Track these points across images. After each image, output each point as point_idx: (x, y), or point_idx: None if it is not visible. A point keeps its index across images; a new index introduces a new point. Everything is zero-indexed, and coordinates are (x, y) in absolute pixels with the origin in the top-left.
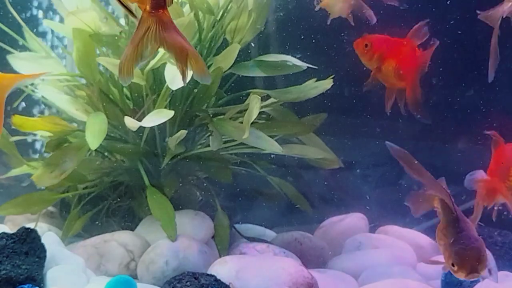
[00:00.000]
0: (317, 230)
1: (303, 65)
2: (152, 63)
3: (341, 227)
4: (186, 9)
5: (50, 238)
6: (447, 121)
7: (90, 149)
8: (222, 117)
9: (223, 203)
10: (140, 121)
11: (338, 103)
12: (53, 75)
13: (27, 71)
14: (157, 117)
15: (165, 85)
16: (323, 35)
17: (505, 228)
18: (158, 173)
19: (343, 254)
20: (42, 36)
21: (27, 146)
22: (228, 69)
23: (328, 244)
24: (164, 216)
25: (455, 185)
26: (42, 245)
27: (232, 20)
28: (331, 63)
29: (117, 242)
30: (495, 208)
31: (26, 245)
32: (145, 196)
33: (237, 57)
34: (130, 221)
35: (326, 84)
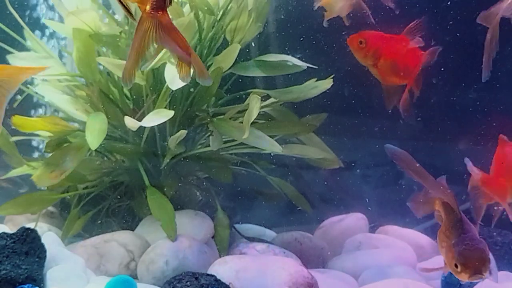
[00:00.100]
0: (317, 230)
1: (303, 65)
2: (152, 63)
3: (341, 227)
4: (186, 9)
5: (50, 238)
6: (447, 121)
7: (90, 149)
8: (222, 117)
9: (223, 203)
10: (140, 121)
11: (338, 103)
12: (53, 75)
13: None
14: (157, 117)
15: (165, 85)
16: (323, 35)
17: (505, 228)
18: (158, 173)
19: (343, 254)
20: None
21: (26, 146)
22: (228, 69)
23: (328, 244)
24: (164, 216)
25: (455, 185)
26: (42, 245)
27: (232, 20)
28: (331, 63)
29: (117, 242)
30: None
31: (26, 245)
32: (145, 196)
33: (237, 57)
34: (130, 221)
35: (326, 84)
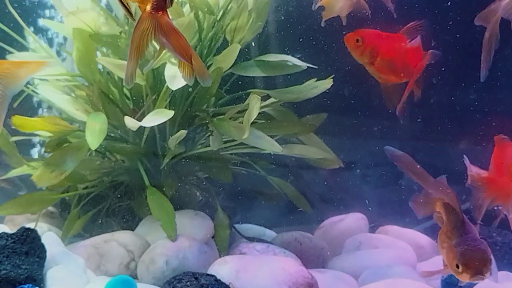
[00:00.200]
0: (317, 230)
1: (303, 65)
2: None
3: (341, 227)
4: (186, 9)
5: (50, 238)
6: (447, 121)
7: (90, 149)
8: (222, 117)
9: (223, 203)
10: (140, 121)
11: (338, 103)
12: (53, 75)
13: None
14: (157, 117)
15: (165, 85)
16: (323, 34)
17: (505, 228)
18: (158, 173)
19: (343, 254)
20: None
21: (26, 146)
22: (228, 69)
23: (328, 244)
24: (164, 216)
25: (455, 186)
26: (42, 245)
27: (232, 20)
28: (331, 63)
29: (117, 242)
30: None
31: (26, 245)
32: (145, 196)
33: (237, 57)
34: (130, 221)
35: (326, 84)
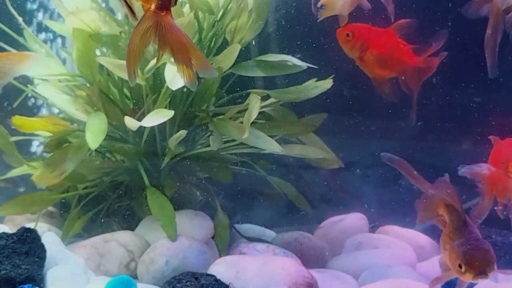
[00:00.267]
0: (317, 230)
1: (303, 65)
2: (152, 63)
3: (341, 227)
4: (186, 9)
5: (50, 238)
6: (447, 121)
7: (90, 149)
8: (222, 117)
9: (223, 203)
10: (140, 121)
11: (338, 103)
12: (53, 75)
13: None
14: (157, 117)
15: (165, 85)
16: (323, 34)
17: (505, 228)
18: (158, 173)
19: (343, 254)
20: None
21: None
22: (228, 69)
23: (328, 244)
24: (164, 216)
25: (455, 185)
26: (42, 245)
27: (232, 20)
28: (331, 63)
29: (117, 242)
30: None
31: (26, 245)
32: (145, 196)
33: (237, 57)
34: (130, 221)
35: (326, 84)
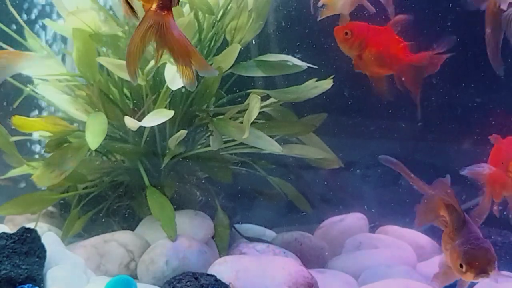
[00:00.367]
0: (317, 230)
1: (303, 65)
2: (152, 63)
3: (341, 227)
4: (186, 9)
5: (50, 238)
6: (447, 121)
7: (90, 149)
8: (222, 117)
9: (223, 203)
10: (140, 121)
11: (338, 103)
12: (53, 75)
13: (27, 71)
14: (157, 117)
15: (165, 85)
16: (324, 34)
17: (505, 228)
18: (158, 173)
19: (343, 254)
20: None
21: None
22: (228, 69)
23: (328, 244)
24: (164, 216)
25: (455, 185)
26: (42, 245)
27: (232, 20)
28: (331, 63)
29: (117, 242)
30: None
31: (26, 245)
32: (145, 196)
33: (237, 57)
34: (130, 221)
35: (326, 84)
